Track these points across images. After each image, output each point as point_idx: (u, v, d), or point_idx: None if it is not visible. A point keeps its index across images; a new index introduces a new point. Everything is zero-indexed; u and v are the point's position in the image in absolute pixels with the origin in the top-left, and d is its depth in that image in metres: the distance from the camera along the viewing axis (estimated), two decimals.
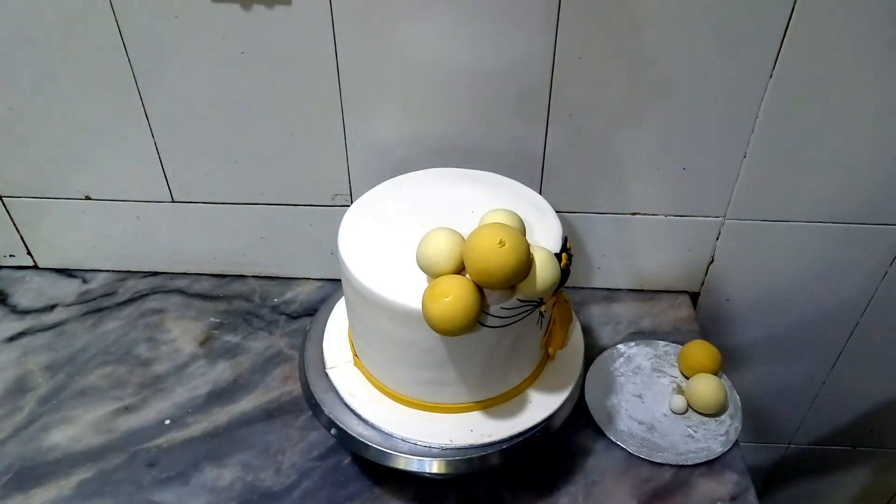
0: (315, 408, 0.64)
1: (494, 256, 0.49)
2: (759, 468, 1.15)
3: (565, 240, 0.59)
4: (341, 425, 0.62)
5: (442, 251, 0.52)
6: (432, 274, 0.53)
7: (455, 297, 0.50)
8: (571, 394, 0.65)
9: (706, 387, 0.73)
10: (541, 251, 0.53)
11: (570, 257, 0.57)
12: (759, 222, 0.81)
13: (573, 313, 0.70)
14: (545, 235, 0.59)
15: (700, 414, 0.73)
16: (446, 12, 0.66)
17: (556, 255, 0.55)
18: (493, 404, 0.62)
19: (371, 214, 0.63)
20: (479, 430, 0.61)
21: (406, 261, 0.55)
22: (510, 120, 0.74)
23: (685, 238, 0.83)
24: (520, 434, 0.61)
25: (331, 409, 0.63)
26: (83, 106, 0.76)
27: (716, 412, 0.73)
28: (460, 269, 0.53)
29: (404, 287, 0.54)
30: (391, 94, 0.73)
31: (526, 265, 0.51)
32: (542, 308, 0.57)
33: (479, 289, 0.52)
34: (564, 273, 0.56)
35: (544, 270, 0.52)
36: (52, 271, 0.92)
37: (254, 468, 0.69)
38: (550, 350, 0.64)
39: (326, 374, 0.66)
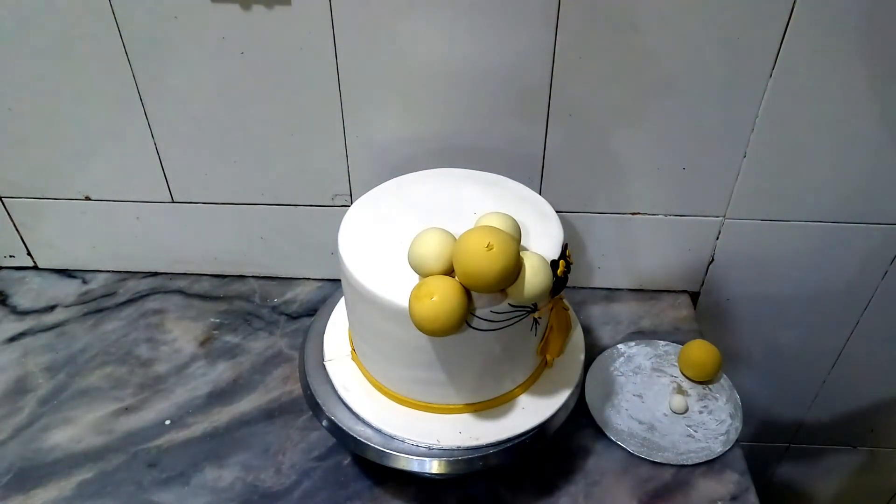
0: (315, 408, 0.64)
1: (481, 259, 0.49)
2: (759, 468, 1.15)
3: (565, 247, 0.58)
4: (337, 422, 0.62)
5: (431, 251, 0.52)
6: (422, 273, 0.53)
7: (441, 297, 0.50)
8: (566, 402, 0.63)
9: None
10: (533, 257, 0.53)
11: (568, 265, 0.56)
12: (759, 222, 0.81)
13: (576, 320, 0.70)
14: (544, 241, 0.58)
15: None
16: (446, 12, 0.66)
17: (553, 261, 0.54)
18: (484, 408, 0.62)
19: (371, 214, 0.63)
20: (467, 432, 0.60)
21: (406, 261, 0.55)
22: (510, 120, 0.74)
23: (685, 238, 0.83)
24: (508, 440, 0.60)
25: (324, 401, 0.63)
26: (83, 106, 0.76)
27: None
28: (450, 271, 0.52)
29: (404, 288, 0.54)
30: (391, 94, 0.73)
31: (513, 270, 0.50)
32: (536, 314, 0.56)
33: (467, 291, 0.51)
34: (560, 281, 0.55)
35: (534, 276, 0.52)
36: (52, 272, 0.92)
37: (254, 468, 0.69)
38: (548, 357, 0.64)
39: (324, 366, 0.66)
